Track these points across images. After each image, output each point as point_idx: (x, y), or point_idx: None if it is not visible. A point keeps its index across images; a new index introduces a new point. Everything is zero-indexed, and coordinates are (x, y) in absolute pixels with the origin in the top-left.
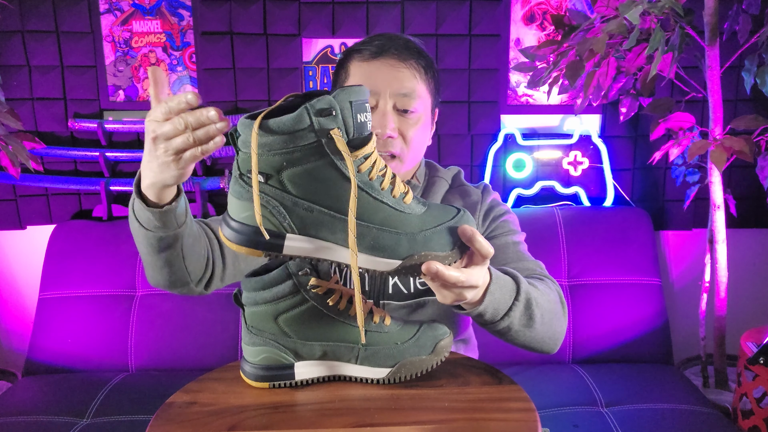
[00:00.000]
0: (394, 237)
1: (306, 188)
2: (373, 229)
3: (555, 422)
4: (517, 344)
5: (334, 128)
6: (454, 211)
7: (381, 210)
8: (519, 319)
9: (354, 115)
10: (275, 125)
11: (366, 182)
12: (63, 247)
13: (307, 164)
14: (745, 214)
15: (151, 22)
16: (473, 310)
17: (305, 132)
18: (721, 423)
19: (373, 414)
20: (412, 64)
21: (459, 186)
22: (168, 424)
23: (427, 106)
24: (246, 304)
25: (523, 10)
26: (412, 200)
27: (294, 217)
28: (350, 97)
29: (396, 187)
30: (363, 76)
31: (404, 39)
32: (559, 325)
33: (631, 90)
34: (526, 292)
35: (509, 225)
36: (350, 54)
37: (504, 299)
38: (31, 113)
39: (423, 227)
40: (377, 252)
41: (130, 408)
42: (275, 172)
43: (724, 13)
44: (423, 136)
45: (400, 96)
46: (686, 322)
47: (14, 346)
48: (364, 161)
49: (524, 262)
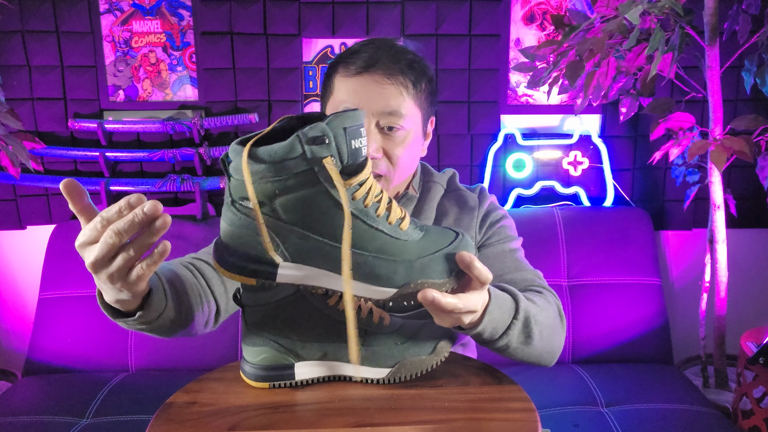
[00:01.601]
0: (391, 265)
1: (299, 216)
2: (369, 257)
3: (555, 422)
4: (515, 359)
5: (326, 156)
6: (453, 235)
7: (377, 238)
8: (517, 337)
9: (348, 141)
10: (266, 154)
11: (361, 209)
12: (63, 247)
13: (300, 192)
14: (745, 214)
15: (151, 22)
16: (471, 331)
17: (297, 160)
18: (721, 423)
19: (373, 414)
20: (399, 80)
21: (455, 190)
22: (168, 424)
23: (417, 121)
24: (246, 304)
25: (523, 10)
26: (409, 225)
27: (287, 245)
28: (344, 123)
29: (392, 213)
30: (347, 93)
31: (395, 49)
32: (558, 339)
33: (631, 90)
34: (525, 310)
35: (506, 231)
36: (336, 66)
37: (503, 318)
38: (31, 113)
39: (420, 254)
40: (373, 280)
41: (130, 408)
42: (268, 200)
43: (724, 13)
44: (411, 153)
45: (384, 114)
46: (686, 322)
47: (14, 346)
48: (359, 188)
49: (522, 272)
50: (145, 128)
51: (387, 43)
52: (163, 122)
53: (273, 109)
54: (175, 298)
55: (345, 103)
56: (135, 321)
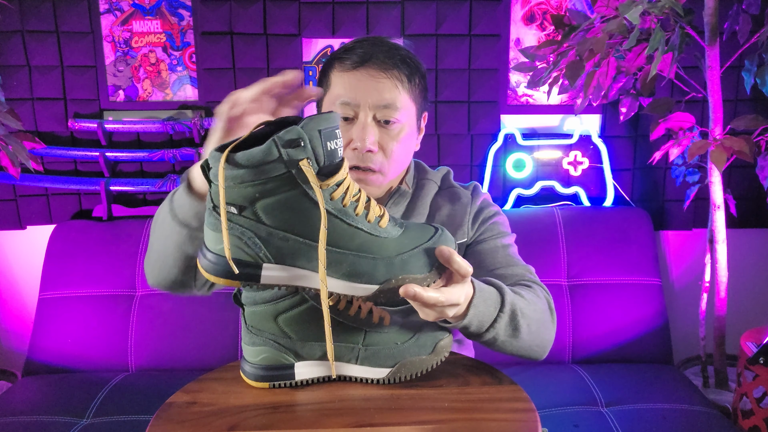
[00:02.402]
0: (371, 262)
1: (280, 218)
2: (350, 255)
3: (555, 422)
4: (505, 353)
5: (303, 159)
6: (432, 230)
7: (356, 236)
8: (504, 330)
9: (324, 143)
10: (244, 159)
11: (340, 209)
12: (63, 247)
13: (279, 195)
14: (745, 214)
15: (151, 22)
16: (458, 324)
17: (275, 164)
18: (721, 423)
19: (373, 414)
20: (394, 73)
21: (448, 188)
22: (168, 424)
23: (411, 114)
24: (246, 303)
25: (523, 10)
26: (388, 223)
27: (270, 247)
28: (319, 126)
29: (371, 212)
30: (343, 87)
31: (388, 45)
32: (547, 332)
33: (631, 90)
34: (511, 303)
35: (499, 227)
36: (332, 62)
37: (488, 311)
38: (31, 113)
39: (400, 250)
40: (355, 278)
41: (130, 408)
42: (249, 204)
43: (724, 13)
44: (405, 147)
45: (380, 108)
46: (686, 322)
47: (14, 346)
48: (336, 188)
49: (513, 267)
50: (145, 128)
51: (380, 39)
52: (163, 122)
53: None
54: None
55: (342, 97)
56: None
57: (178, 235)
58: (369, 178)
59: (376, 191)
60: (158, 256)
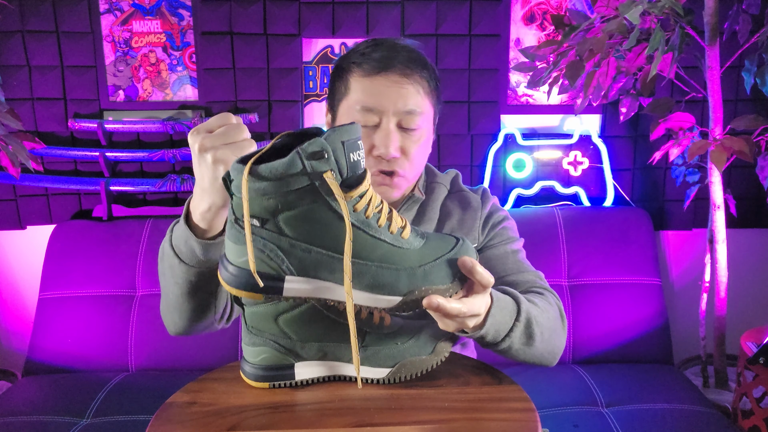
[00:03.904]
0: (394, 273)
1: (303, 230)
2: (372, 266)
3: (555, 422)
4: (518, 360)
5: (326, 171)
6: (453, 241)
7: (379, 247)
8: (519, 339)
9: (347, 154)
10: (267, 171)
11: (363, 221)
12: (63, 247)
13: (302, 207)
14: (745, 214)
15: (151, 22)
16: (475, 334)
17: (298, 176)
18: (721, 423)
19: (373, 414)
20: (416, 78)
21: (458, 191)
22: (168, 424)
23: (430, 119)
24: (246, 304)
25: (523, 10)
26: (410, 234)
27: (292, 259)
28: (342, 137)
29: (393, 222)
30: (365, 93)
31: (408, 49)
32: (559, 340)
33: (631, 90)
34: (526, 311)
35: (508, 232)
36: (350, 65)
37: (505, 321)
38: (31, 113)
39: (422, 261)
40: (377, 290)
41: (130, 408)
42: (271, 216)
43: (724, 13)
44: (425, 151)
45: (404, 114)
46: (686, 322)
47: (14, 346)
48: (359, 200)
49: (524, 273)
50: (145, 128)
51: (397, 43)
52: (163, 122)
53: (273, 109)
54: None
55: (363, 102)
56: (211, 246)
57: (194, 276)
58: (395, 182)
59: (398, 196)
60: (173, 304)
